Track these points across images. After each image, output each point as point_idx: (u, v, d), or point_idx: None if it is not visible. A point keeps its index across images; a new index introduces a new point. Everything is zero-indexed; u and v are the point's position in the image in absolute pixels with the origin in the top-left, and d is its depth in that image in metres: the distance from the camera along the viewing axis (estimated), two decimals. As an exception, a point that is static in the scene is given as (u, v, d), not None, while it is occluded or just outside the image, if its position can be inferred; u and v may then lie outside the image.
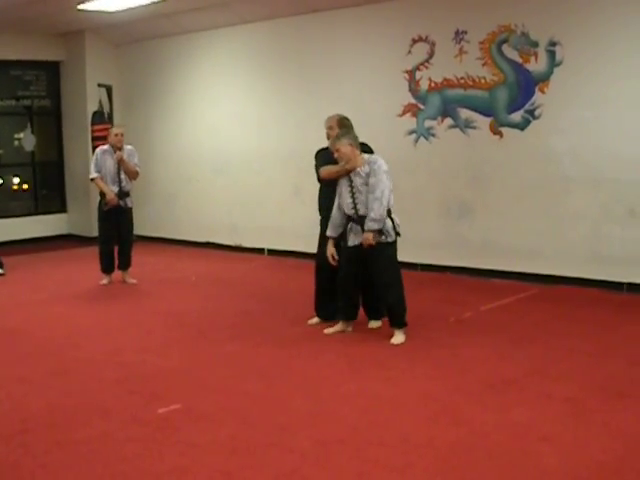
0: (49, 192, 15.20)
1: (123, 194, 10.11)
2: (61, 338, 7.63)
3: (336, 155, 7.25)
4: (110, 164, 9.97)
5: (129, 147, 10.26)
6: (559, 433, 4.92)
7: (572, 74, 9.18)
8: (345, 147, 7.16)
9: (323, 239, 7.66)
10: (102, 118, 13.83)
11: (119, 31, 13.78)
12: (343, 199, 7.26)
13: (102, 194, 10.03)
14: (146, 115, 14.37)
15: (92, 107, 13.95)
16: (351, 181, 7.18)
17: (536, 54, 9.41)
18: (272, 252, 12.48)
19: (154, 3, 11.38)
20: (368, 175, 7.11)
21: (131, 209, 10.32)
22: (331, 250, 7.38)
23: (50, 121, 15.04)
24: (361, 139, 9.81)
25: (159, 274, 11.17)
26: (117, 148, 9.99)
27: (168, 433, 5.07)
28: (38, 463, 4.62)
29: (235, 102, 12.76)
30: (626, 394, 5.66)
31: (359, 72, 11.16)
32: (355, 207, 7.16)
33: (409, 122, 10.64)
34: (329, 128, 7.82)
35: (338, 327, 7.54)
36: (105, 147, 10.10)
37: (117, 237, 10.23)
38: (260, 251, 12.57)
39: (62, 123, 15.03)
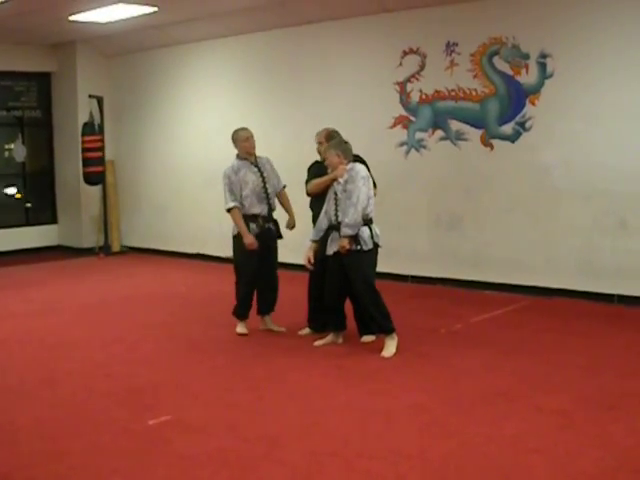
0: (40, 203, 15.17)
1: (272, 215, 8.12)
2: (51, 349, 7.61)
3: (326, 163, 7.43)
4: (252, 179, 7.91)
5: (264, 156, 8.25)
6: (550, 445, 4.92)
7: (563, 86, 9.21)
8: (332, 157, 7.33)
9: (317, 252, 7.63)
10: (92, 129, 13.80)
11: (110, 42, 13.78)
12: (329, 207, 7.36)
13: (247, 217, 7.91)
14: (137, 126, 14.37)
15: (83, 118, 13.91)
16: (335, 189, 7.31)
17: (527, 66, 9.44)
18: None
19: (145, 15, 11.40)
20: (347, 182, 7.22)
21: (280, 235, 8.20)
22: (309, 254, 7.43)
23: (41, 132, 15.03)
24: (352, 151, 9.79)
25: (149, 285, 11.16)
26: (251, 154, 8.06)
27: (159, 445, 5.06)
28: (28, 475, 4.60)
29: (226, 113, 12.76)
30: (617, 406, 5.66)
31: (350, 84, 11.17)
32: (336, 214, 7.25)
33: (400, 134, 10.66)
34: (319, 143, 7.87)
35: (328, 339, 7.54)
36: (235, 163, 8.00)
37: (259, 272, 8.04)
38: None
39: (53, 134, 15.03)
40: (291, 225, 8.21)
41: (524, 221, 9.69)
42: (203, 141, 13.15)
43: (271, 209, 8.06)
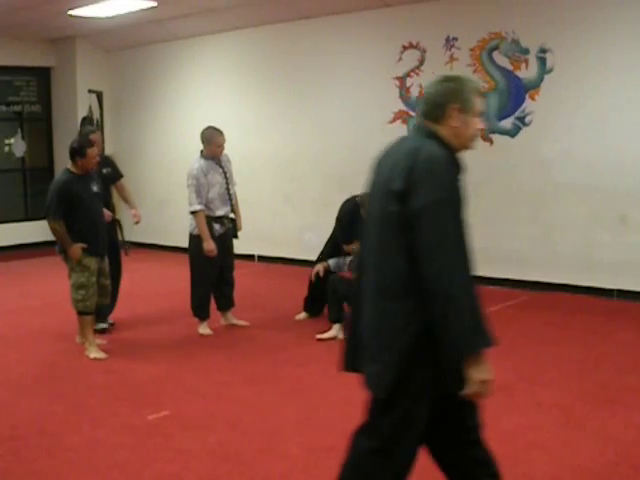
0: (39, 198, 15.15)
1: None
2: (51, 344, 7.61)
3: None
4: (218, 181, 7.85)
5: (225, 153, 8.20)
6: (549, 440, 4.93)
7: (562, 81, 9.20)
8: None
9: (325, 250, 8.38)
10: (91, 124, 13.79)
11: (110, 37, 13.77)
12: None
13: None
14: (136, 121, 14.36)
15: (82, 113, 13.90)
16: None
17: (526, 61, 9.44)
18: (262, 258, 12.46)
19: (144, 10, 11.39)
20: None
21: (236, 235, 8.24)
22: (319, 268, 7.85)
23: (40, 127, 15.02)
24: (351, 146, 9.84)
25: (149, 280, 11.15)
26: (218, 158, 7.99)
27: (158, 439, 5.07)
28: (28, 470, 4.61)
29: (225, 108, 12.75)
30: (616, 401, 5.67)
31: (349, 79, 11.17)
32: None
33: (400, 129, 10.63)
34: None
35: (331, 333, 7.52)
36: (203, 164, 7.92)
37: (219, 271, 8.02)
38: (250, 257, 12.55)
39: (52, 129, 15.00)
40: (238, 229, 8.20)
41: (523, 216, 9.69)
42: (202, 136, 13.14)
43: (232, 209, 8.02)
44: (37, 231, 14.71)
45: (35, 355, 7.25)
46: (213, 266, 7.82)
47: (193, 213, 7.72)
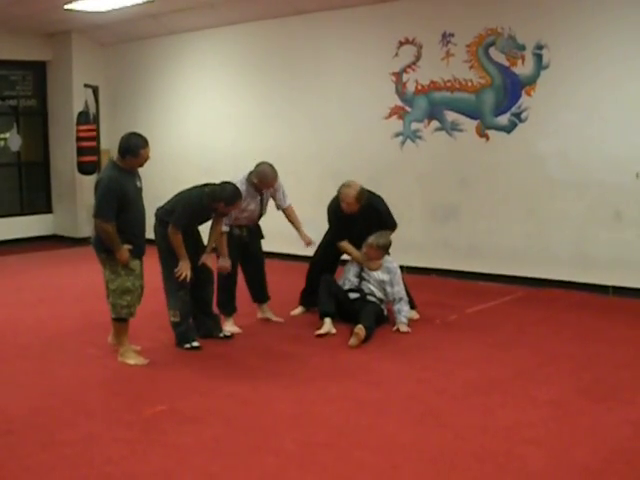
0: (35, 192, 15.13)
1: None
2: (45, 339, 7.60)
3: (364, 251, 7.86)
4: (252, 208, 7.93)
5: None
6: (544, 436, 4.93)
7: (559, 77, 9.20)
8: (375, 252, 7.81)
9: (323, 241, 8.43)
10: (87, 118, 13.76)
11: (106, 31, 13.74)
12: (350, 278, 7.98)
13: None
14: (132, 116, 14.32)
15: (78, 107, 13.86)
16: (362, 269, 7.93)
17: (523, 57, 9.43)
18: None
19: (141, 4, 11.36)
20: (384, 282, 7.83)
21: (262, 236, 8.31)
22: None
23: (36, 121, 14.97)
24: (348, 141, 9.80)
25: (145, 276, 11.12)
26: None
27: (153, 435, 5.06)
28: (22, 465, 4.60)
29: (221, 103, 12.74)
30: (611, 397, 5.67)
31: (346, 74, 11.16)
32: (360, 288, 7.89)
33: (396, 124, 10.65)
34: (347, 204, 7.92)
35: (324, 328, 7.51)
36: (244, 189, 7.61)
37: (249, 262, 8.14)
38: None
39: (48, 123, 14.95)
40: (307, 241, 8.23)
41: (519, 212, 9.69)
42: (199, 131, 13.13)
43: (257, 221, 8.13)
44: (32, 226, 14.74)
45: (30, 349, 7.23)
46: (235, 264, 7.85)
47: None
